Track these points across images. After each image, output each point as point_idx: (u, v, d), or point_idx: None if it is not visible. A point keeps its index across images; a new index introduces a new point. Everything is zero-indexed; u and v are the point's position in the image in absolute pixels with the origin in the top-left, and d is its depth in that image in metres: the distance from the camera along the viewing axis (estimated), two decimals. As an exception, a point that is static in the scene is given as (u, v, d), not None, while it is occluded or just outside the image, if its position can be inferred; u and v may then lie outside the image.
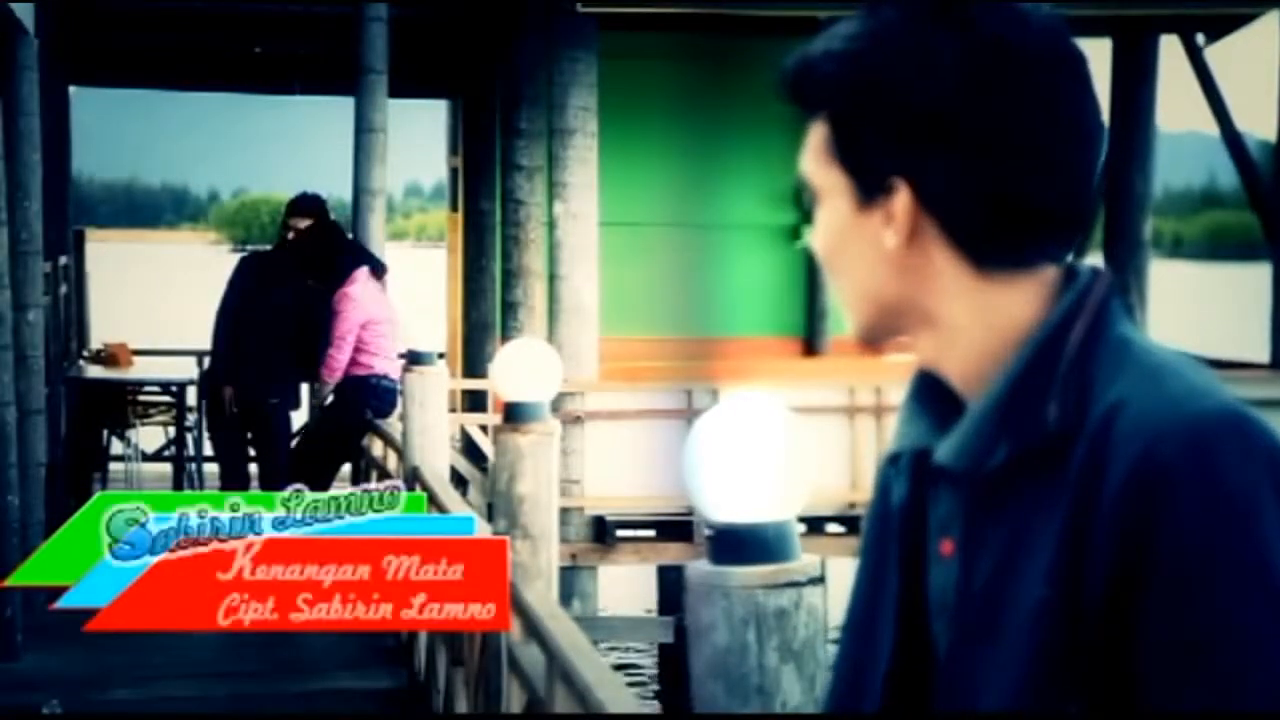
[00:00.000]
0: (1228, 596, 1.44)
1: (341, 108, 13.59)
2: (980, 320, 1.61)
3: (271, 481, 10.72)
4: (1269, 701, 1.43)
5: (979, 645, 1.57)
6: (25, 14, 10.23)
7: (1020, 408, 1.57)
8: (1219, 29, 14.55)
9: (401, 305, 11.36)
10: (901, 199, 1.61)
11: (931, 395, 1.69)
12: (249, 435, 11.50)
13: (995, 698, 1.55)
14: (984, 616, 1.57)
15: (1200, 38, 14.51)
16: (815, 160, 1.68)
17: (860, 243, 1.65)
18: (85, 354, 15.97)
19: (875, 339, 1.70)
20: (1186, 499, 1.46)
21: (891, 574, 1.69)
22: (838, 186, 1.66)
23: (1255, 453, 1.48)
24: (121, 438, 15.31)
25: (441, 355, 10.32)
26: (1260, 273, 14.77)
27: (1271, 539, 1.45)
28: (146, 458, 15.60)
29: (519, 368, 6.16)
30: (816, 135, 1.67)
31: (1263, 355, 14.38)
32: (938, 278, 1.63)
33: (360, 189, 12.10)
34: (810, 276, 15.58)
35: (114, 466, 15.89)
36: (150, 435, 15.75)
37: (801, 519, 2.63)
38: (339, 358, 10.93)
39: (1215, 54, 14.41)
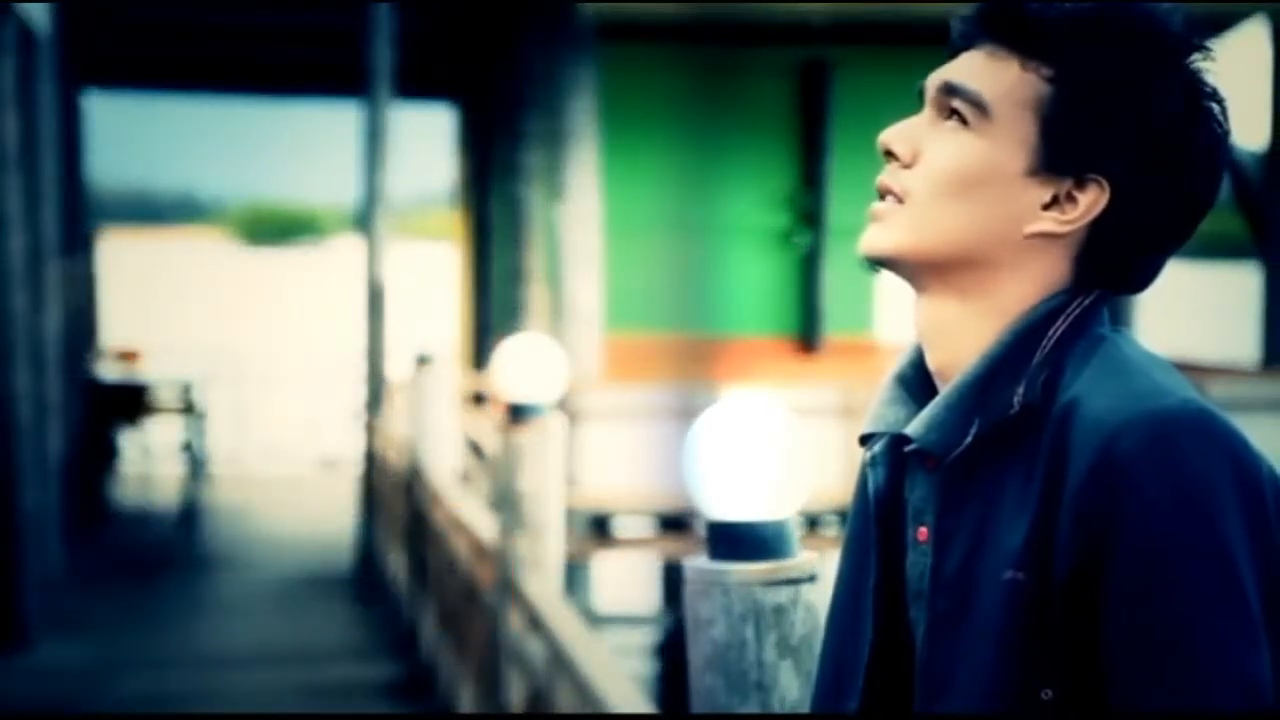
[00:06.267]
0: (1187, 585, 1.46)
1: (349, 112, 13.74)
2: (1015, 313, 1.62)
3: None
4: (1224, 686, 1.46)
5: (952, 629, 1.58)
6: (41, 22, 10.32)
7: (992, 389, 1.58)
8: (1206, 30, 14.60)
9: (407, 305, 11.45)
10: (1094, 198, 1.59)
11: (917, 383, 1.69)
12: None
13: (968, 680, 1.56)
14: (956, 600, 1.58)
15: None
16: (1001, 98, 1.61)
17: (1001, 196, 1.60)
18: (96, 354, 16.08)
19: (904, 267, 1.64)
20: (1147, 490, 1.47)
21: (871, 562, 1.68)
22: (1016, 137, 1.60)
23: (1216, 447, 1.49)
24: (132, 436, 15.48)
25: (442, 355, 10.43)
26: (1248, 274, 14.86)
27: (1231, 530, 1.47)
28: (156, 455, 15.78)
29: (521, 364, 6.09)
30: (1010, 73, 1.61)
31: (1253, 357, 14.48)
32: (1030, 271, 1.61)
33: (367, 191, 12.24)
34: (806, 277, 15.73)
35: (125, 464, 16.06)
36: (161, 433, 15.90)
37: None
38: None
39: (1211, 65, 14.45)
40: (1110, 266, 1.61)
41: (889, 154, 1.65)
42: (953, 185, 1.60)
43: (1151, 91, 1.58)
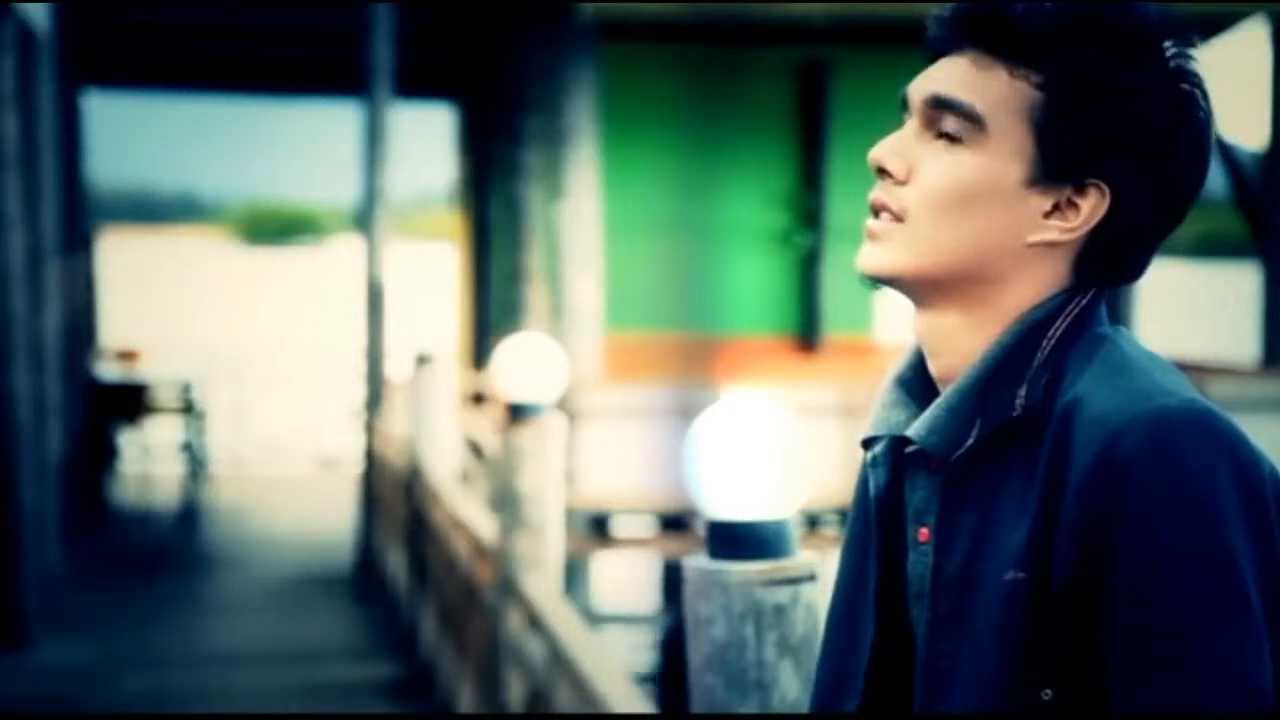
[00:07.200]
0: (1188, 586, 1.47)
1: (349, 112, 13.76)
2: (1017, 318, 1.61)
3: None
4: (1225, 687, 1.47)
5: (953, 629, 1.58)
6: (41, 22, 10.34)
7: (994, 391, 1.58)
8: (1207, 30, 14.63)
9: (407, 305, 11.46)
10: (1095, 202, 1.58)
11: (917, 385, 1.68)
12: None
13: (969, 680, 1.56)
14: (957, 600, 1.58)
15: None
16: (994, 109, 1.58)
17: (1001, 209, 1.59)
18: (96, 353, 16.10)
19: (905, 285, 1.63)
20: (1148, 489, 1.48)
21: (872, 563, 1.69)
22: (1012, 148, 1.58)
23: (1216, 446, 1.49)
24: (132, 435, 15.49)
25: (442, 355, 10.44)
26: (1248, 274, 14.88)
27: (1233, 531, 1.48)
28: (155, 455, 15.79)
29: (521, 364, 6.10)
30: (999, 82, 1.59)
31: (1253, 357, 14.49)
32: (1031, 277, 1.60)
33: (368, 191, 12.25)
34: (806, 277, 15.74)
35: (125, 463, 16.07)
36: (160, 433, 15.91)
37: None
38: None
39: (1204, 59, 14.46)
40: (1109, 265, 1.61)
41: (881, 171, 1.62)
42: (952, 203, 1.58)
43: (1143, 90, 1.58)
